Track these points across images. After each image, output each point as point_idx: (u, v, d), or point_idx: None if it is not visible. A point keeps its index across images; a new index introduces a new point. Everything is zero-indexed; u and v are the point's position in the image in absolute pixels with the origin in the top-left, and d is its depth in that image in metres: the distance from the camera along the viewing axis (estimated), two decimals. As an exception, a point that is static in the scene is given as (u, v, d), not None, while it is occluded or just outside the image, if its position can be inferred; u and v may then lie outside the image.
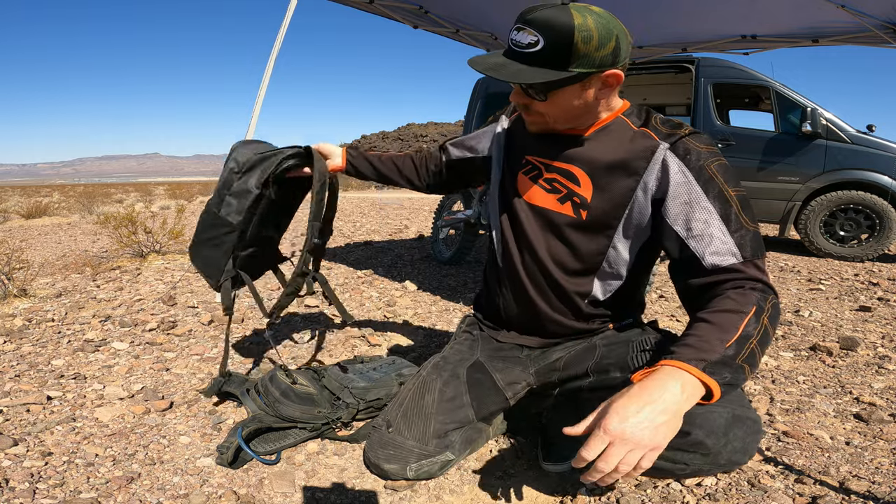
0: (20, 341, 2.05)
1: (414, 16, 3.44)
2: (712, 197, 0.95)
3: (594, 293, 1.17)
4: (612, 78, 0.98)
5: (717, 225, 0.93)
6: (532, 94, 1.02)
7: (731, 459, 0.87)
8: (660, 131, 1.04)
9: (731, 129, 4.90)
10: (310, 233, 1.46)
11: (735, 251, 0.92)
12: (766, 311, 0.87)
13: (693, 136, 1.01)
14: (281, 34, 2.65)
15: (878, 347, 2.19)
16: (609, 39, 0.93)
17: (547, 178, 1.15)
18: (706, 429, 0.85)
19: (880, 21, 2.79)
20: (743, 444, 0.87)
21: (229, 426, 1.45)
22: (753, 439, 0.88)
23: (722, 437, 0.85)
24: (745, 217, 0.94)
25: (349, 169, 1.50)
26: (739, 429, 0.86)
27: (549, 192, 1.15)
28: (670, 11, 3.36)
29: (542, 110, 1.05)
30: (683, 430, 0.84)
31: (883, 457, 1.33)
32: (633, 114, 1.10)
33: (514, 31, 0.97)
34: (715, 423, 0.85)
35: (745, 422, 0.87)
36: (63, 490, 1.14)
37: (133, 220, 3.93)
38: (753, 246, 0.93)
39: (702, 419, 0.85)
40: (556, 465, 1.29)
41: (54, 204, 12.19)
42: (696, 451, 0.86)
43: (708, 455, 0.86)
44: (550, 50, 0.93)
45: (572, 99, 1.01)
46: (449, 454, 1.18)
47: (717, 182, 0.95)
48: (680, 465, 0.88)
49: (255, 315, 2.47)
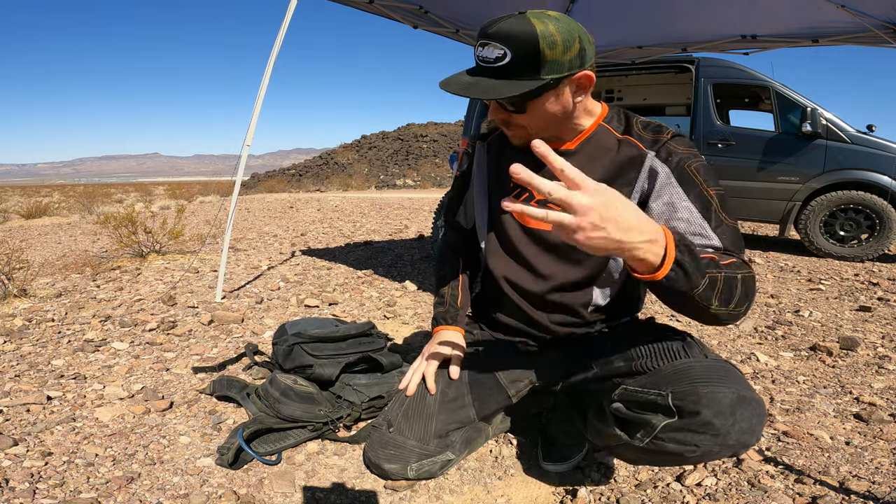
0: (20, 341, 2.05)
1: (414, 16, 3.44)
2: (693, 196, 0.99)
3: (595, 301, 1.18)
4: (585, 79, 0.99)
5: (699, 222, 0.97)
6: (510, 108, 1.02)
7: (739, 440, 0.88)
8: (644, 139, 1.06)
9: (731, 129, 4.89)
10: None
11: (717, 245, 0.96)
12: (745, 272, 0.88)
13: (674, 140, 1.04)
14: (281, 34, 2.65)
15: (878, 347, 2.19)
16: (573, 42, 0.94)
17: (540, 201, 1.15)
18: (714, 409, 0.87)
19: (880, 21, 2.79)
20: (750, 425, 0.88)
21: (229, 426, 1.45)
22: (759, 420, 0.89)
23: (730, 416, 0.87)
24: (725, 214, 0.98)
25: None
26: (745, 409, 0.88)
27: None
28: (670, 11, 3.37)
29: (522, 123, 1.04)
30: (691, 410, 0.88)
31: (883, 457, 1.33)
32: (614, 119, 1.11)
33: (479, 48, 0.97)
34: (722, 403, 0.87)
35: (750, 402, 0.89)
36: (63, 490, 1.14)
37: (133, 220, 3.93)
38: (733, 240, 0.97)
39: (708, 399, 0.87)
40: (556, 464, 1.29)
41: (54, 204, 12.19)
42: (705, 432, 0.88)
43: (717, 435, 0.88)
44: (519, 61, 0.93)
45: (550, 107, 1.01)
46: (449, 454, 1.18)
47: (697, 182, 0.99)
48: (690, 446, 0.90)
49: (254, 315, 2.48)
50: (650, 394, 0.94)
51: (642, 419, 0.94)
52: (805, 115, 4.55)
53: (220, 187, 16.40)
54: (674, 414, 0.90)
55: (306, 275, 3.38)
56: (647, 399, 0.95)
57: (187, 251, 4.15)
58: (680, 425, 0.89)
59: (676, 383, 0.93)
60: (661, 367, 0.99)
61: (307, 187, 24.21)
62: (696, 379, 0.92)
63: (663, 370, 0.98)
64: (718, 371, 0.93)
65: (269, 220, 7.11)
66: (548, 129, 1.06)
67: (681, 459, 0.94)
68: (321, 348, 1.58)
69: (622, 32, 3.84)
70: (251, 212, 8.54)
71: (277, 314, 2.51)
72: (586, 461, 1.32)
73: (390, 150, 31.47)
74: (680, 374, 0.94)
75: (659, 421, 0.92)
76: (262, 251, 4.33)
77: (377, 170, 29.53)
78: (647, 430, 0.93)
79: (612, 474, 1.27)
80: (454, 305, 1.33)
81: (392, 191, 21.41)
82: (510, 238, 1.21)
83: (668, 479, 1.24)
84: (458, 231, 1.38)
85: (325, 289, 3.02)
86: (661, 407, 0.92)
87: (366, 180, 26.27)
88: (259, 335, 2.20)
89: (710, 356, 1.00)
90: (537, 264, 1.18)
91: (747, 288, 0.88)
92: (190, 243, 4.42)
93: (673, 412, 0.91)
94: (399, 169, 29.17)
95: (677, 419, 0.90)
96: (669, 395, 0.91)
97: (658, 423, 0.92)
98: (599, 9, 3.48)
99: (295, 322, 1.78)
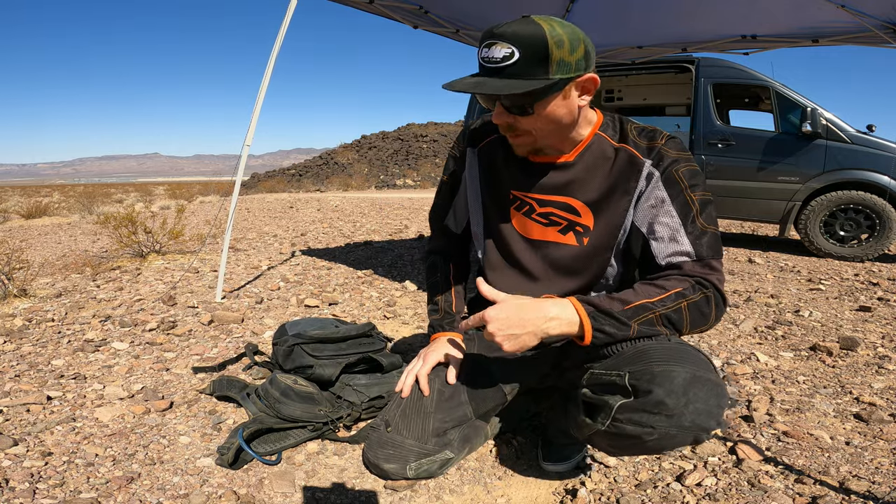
0: (20, 341, 2.05)
1: (414, 16, 3.44)
2: (675, 201, 1.02)
3: None
4: (590, 82, 0.98)
5: (677, 227, 1.01)
6: (516, 111, 0.99)
7: (695, 422, 0.88)
8: (640, 146, 1.07)
9: (731, 129, 4.90)
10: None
11: (690, 251, 1.00)
12: (690, 298, 0.96)
13: (668, 144, 1.06)
14: (281, 34, 2.65)
15: (878, 347, 2.19)
16: (578, 43, 0.93)
17: (542, 213, 1.16)
18: (665, 388, 0.88)
19: (880, 21, 2.79)
20: (706, 406, 0.88)
21: (229, 426, 1.45)
22: (717, 402, 0.89)
23: (682, 396, 0.87)
24: (703, 220, 1.02)
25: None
26: (700, 389, 0.88)
27: (547, 226, 1.15)
28: (670, 11, 3.37)
29: (528, 127, 1.02)
30: (644, 389, 0.90)
31: (883, 457, 1.33)
32: (609, 127, 1.11)
33: (485, 49, 0.95)
34: (674, 383, 0.88)
35: (705, 383, 0.89)
36: (63, 490, 1.14)
37: (133, 220, 3.93)
38: (709, 246, 1.00)
39: (661, 378, 0.89)
40: (556, 465, 1.29)
41: (54, 204, 12.19)
42: (659, 412, 0.88)
43: (672, 417, 0.88)
44: (527, 59, 0.92)
45: (557, 109, 0.99)
46: (448, 452, 1.19)
47: (682, 186, 1.02)
48: (647, 428, 0.90)
49: (254, 315, 2.48)
50: (611, 375, 0.96)
51: (602, 401, 0.96)
52: (805, 115, 4.55)
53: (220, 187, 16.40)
54: (629, 394, 0.92)
55: (306, 275, 3.38)
56: (609, 380, 0.96)
57: (187, 251, 4.15)
58: (635, 405, 0.90)
59: (635, 363, 0.94)
60: (625, 349, 0.99)
61: (307, 187, 24.22)
62: (652, 359, 0.92)
63: (626, 352, 0.99)
64: (677, 352, 0.93)
65: (269, 220, 7.11)
66: (552, 135, 1.04)
67: (641, 444, 0.93)
68: (321, 349, 1.58)
69: (622, 32, 3.85)
70: (251, 212, 8.54)
71: (277, 314, 2.51)
72: (586, 461, 1.32)
73: (390, 150, 31.49)
74: (639, 355, 0.95)
75: (615, 401, 0.93)
76: (262, 251, 4.33)
77: (377, 170, 29.54)
78: (605, 412, 0.94)
79: (612, 474, 1.27)
80: (449, 312, 1.31)
81: (392, 191, 21.42)
82: (511, 250, 1.21)
83: (668, 479, 1.24)
84: (449, 236, 1.36)
85: (325, 289, 3.02)
86: (618, 388, 0.94)
87: (366, 180, 26.28)
88: (259, 335, 2.20)
89: (673, 340, 1.00)
90: (538, 276, 1.19)
91: (697, 313, 0.97)
92: (190, 243, 4.42)
93: (629, 392, 0.92)
94: (399, 169, 29.19)
95: (633, 399, 0.91)
96: (626, 374, 0.93)
97: (614, 403, 0.93)
98: (599, 9, 3.48)
99: (295, 322, 1.78)
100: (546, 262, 1.18)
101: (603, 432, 0.97)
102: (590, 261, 1.14)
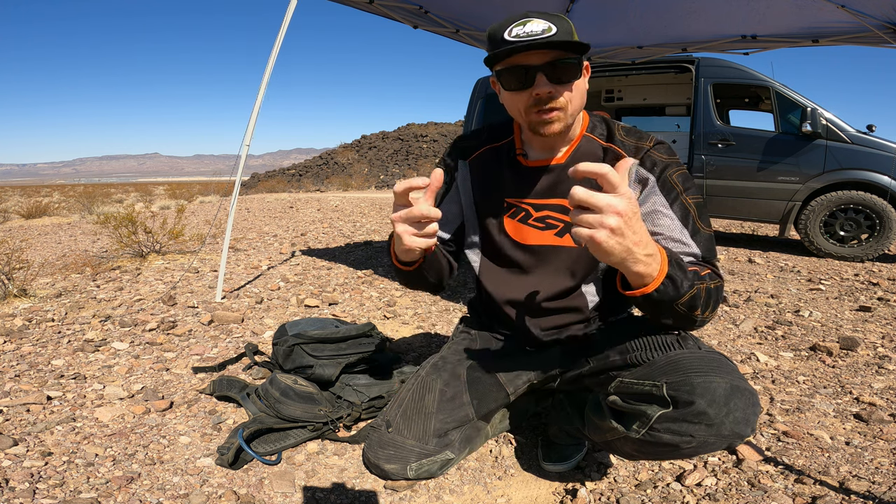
0: (20, 341, 2.05)
1: (414, 16, 3.44)
2: (674, 204, 1.05)
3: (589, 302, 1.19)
4: (587, 70, 1.07)
5: (679, 229, 1.03)
6: (564, 77, 1.00)
7: (733, 430, 0.89)
8: (627, 146, 1.11)
9: (731, 129, 4.89)
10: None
11: (696, 252, 1.02)
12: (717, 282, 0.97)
13: (657, 148, 1.09)
14: (281, 34, 2.65)
15: (878, 347, 2.19)
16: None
17: (538, 218, 1.17)
18: (707, 398, 0.88)
19: (880, 21, 2.79)
20: (744, 415, 0.89)
21: (229, 426, 1.45)
22: (753, 411, 0.90)
23: (723, 406, 0.88)
24: (701, 223, 1.05)
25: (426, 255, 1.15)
26: (739, 399, 0.89)
27: (543, 230, 1.16)
28: (670, 11, 3.37)
29: (563, 101, 1.02)
30: (685, 400, 0.89)
31: (883, 457, 1.33)
32: (596, 127, 1.15)
33: (518, 27, 0.98)
34: (716, 393, 0.89)
35: (743, 392, 0.90)
36: (63, 490, 1.14)
37: (133, 220, 3.93)
38: (709, 248, 1.04)
39: (702, 389, 0.89)
40: (556, 464, 1.29)
41: (54, 204, 12.19)
42: (700, 422, 0.89)
43: (712, 425, 0.88)
44: (563, 34, 0.98)
45: (582, 84, 1.05)
46: (448, 453, 1.19)
47: (678, 191, 1.05)
48: (686, 437, 0.90)
49: (254, 315, 2.48)
50: (645, 385, 0.96)
51: (638, 410, 0.96)
52: (805, 115, 4.55)
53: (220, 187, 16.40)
54: (668, 404, 0.92)
55: (306, 275, 3.38)
56: (643, 390, 0.96)
57: (187, 251, 4.15)
58: (675, 415, 0.91)
59: (671, 374, 0.94)
60: (656, 358, 1.00)
61: (307, 187, 24.21)
62: (690, 369, 0.93)
63: (658, 362, 0.99)
64: (712, 362, 0.94)
65: (269, 220, 7.11)
66: (573, 115, 1.07)
67: (676, 451, 0.94)
68: (321, 349, 1.58)
69: (622, 32, 3.84)
70: (251, 212, 8.53)
71: (277, 314, 2.51)
72: (586, 461, 1.32)
73: (390, 150, 31.47)
74: (674, 365, 0.95)
75: (654, 411, 0.93)
76: (262, 251, 4.33)
77: (377, 170, 29.53)
78: (642, 422, 0.94)
79: (612, 474, 1.27)
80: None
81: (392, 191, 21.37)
82: (505, 255, 1.22)
83: (668, 479, 1.24)
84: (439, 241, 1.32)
85: (325, 289, 3.02)
86: (656, 398, 0.94)
87: (366, 180, 26.27)
88: (259, 335, 2.20)
89: (703, 348, 1.01)
90: (532, 278, 1.19)
91: (718, 296, 0.97)
92: (190, 243, 4.42)
93: (668, 402, 0.92)
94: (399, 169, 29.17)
95: (672, 409, 0.91)
96: (664, 385, 0.93)
97: (653, 413, 0.93)
98: (600, 9, 3.48)
99: (295, 322, 1.78)
100: (542, 265, 1.19)
101: (632, 439, 0.97)
102: (584, 260, 1.15)
